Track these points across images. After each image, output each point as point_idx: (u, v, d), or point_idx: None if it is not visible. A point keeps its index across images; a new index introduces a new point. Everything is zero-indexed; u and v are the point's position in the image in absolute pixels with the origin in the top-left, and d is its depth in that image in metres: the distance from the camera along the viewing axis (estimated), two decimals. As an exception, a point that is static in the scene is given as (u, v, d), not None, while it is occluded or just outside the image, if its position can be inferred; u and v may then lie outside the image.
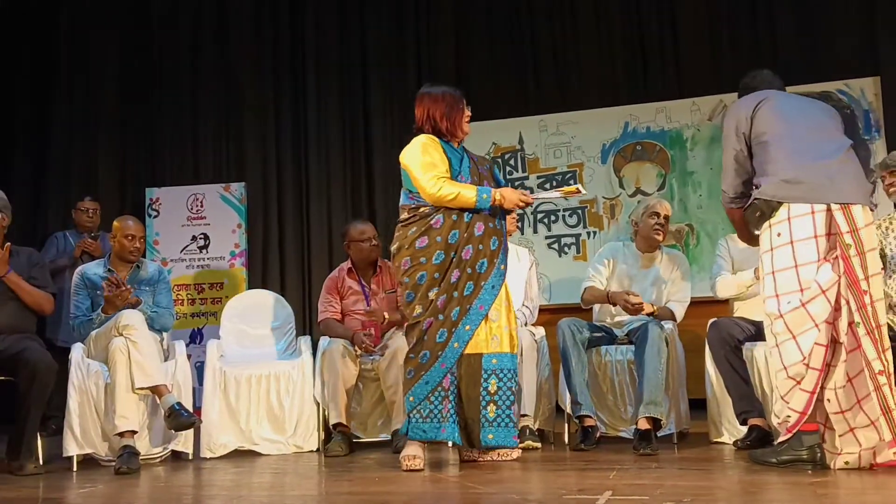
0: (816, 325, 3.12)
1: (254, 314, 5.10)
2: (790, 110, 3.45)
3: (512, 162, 6.66)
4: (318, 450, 4.47)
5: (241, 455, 4.40)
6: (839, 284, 3.11)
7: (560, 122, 6.64)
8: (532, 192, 3.86)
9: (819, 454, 3.17)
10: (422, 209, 3.69)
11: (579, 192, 3.88)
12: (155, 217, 6.81)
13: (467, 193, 3.64)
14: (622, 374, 4.34)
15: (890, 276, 4.20)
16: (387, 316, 4.57)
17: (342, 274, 4.87)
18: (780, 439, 3.24)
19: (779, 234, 3.23)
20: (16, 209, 4.46)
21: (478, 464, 3.61)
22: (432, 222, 3.66)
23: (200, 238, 6.80)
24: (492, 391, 3.62)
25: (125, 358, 4.00)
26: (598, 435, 4.10)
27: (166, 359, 4.41)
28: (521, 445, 3.82)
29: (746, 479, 3.07)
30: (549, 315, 5.33)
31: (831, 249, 3.17)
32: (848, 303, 3.10)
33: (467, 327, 3.61)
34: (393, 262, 3.79)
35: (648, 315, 4.27)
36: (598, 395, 4.33)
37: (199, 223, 6.82)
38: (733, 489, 2.90)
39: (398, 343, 4.45)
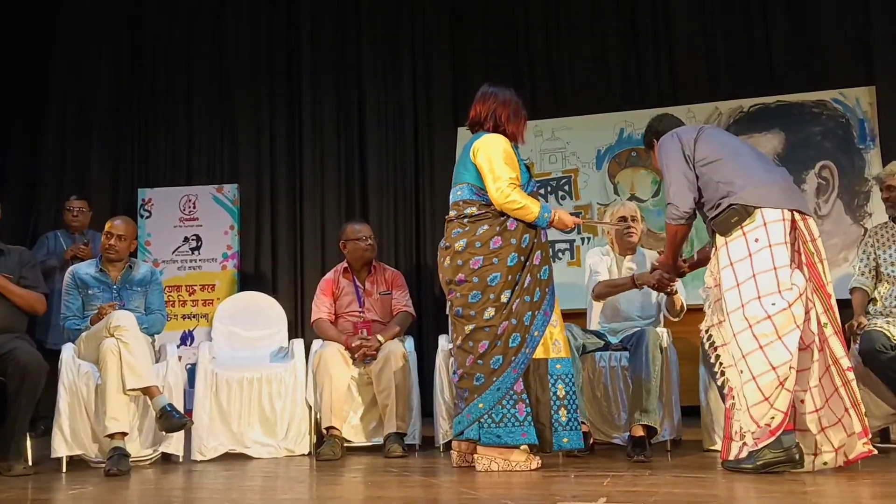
0: (798, 326, 3.24)
1: (246, 316, 5.07)
2: (729, 139, 3.67)
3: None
4: (309, 453, 4.45)
5: (232, 458, 4.37)
6: (807, 289, 3.28)
7: (555, 127, 6.65)
8: (580, 216, 4.03)
9: (798, 455, 3.24)
10: (492, 208, 3.65)
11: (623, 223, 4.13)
12: (147, 218, 6.78)
13: (532, 207, 3.63)
14: (616, 380, 4.33)
15: (881, 284, 4.22)
16: (381, 339, 4.54)
17: (337, 275, 4.85)
18: (763, 443, 3.24)
19: (756, 240, 3.32)
20: (8, 208, 4.44)
21: (472, 469, 3.58)
22: (508, 224, 3.64)
23: (192, 239, 6.77)
24: (560, 395, 3.61)
25: (116, 359, 3.96)
26: (591, 441, 4.09)
27: (157, 360, 4.39)
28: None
29: (740, 486, 3.05)
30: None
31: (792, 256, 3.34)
32: (814, 306, 3.29)
33: (536, 333, 3.61)
34: (451, 259, 3.67)
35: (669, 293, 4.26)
36: (591, 402, 4.32)
37: (191, 224, 6.79)
38: (727, 497, 2.89)
39: (390, 347, 4.44)
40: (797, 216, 3.36)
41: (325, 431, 4.37)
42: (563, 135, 6.61)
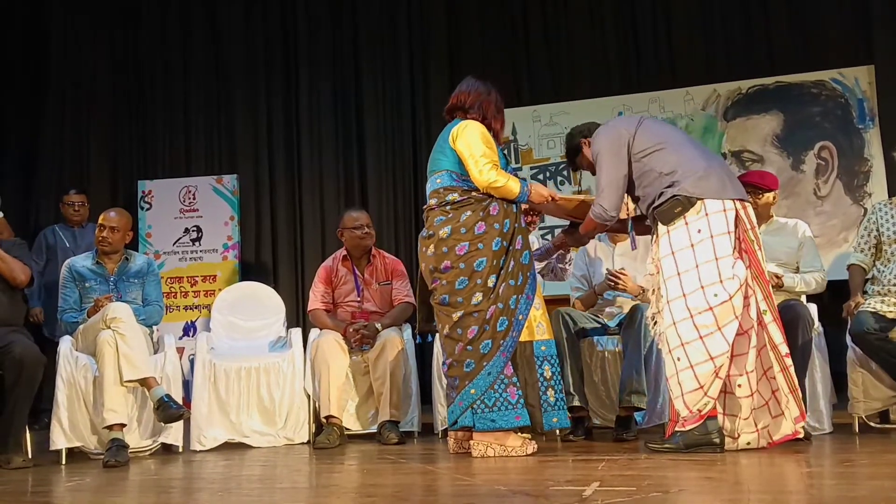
0: (737, 317, 3.31)
1: (244, 306, 5.07)
2: (667, 128, 3.71)
3: (505, 153, 6.62)
4: (308, 442, 4.46)
5: (232, 448, 4.38)
6: (747, 277, 3.35)
7: (553, 112, 6.63)
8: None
9: (718, 439, 3.36)
10: (474, 193, 3.66)
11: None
12: (147, 210, 6.78)
13: (513, 185, 3.64)
14: (616, 364, 4.31)
15: (881, 261, 4.16)
16: (379, 327, 4.54)
17: (336, 263, 4.84)
18: (689, 427, 3.35)
19: (699, 231, 3.37)
20: (7, 202, 4.43)
21: (468, 455, 3.58)
22: (490, 209, 3.64)
23: (193, 230, 6.78)
24: (547, 376, 3.69)
25: (113, 350, 3.97)
26: (588, 425, 4.09)
27: (156, 351, 4.40)
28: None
29: (735, 469, 3.05)
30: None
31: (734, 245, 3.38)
32: (754, 294, 3.37)
33: (521, 317, 3.64)
34: (434, 247, 3.65)
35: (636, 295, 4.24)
36: (589, 386, 4.31)
37: (191, 216, 6.80)
38: (721, 480, 2.89)
39: (388, 335, 4.44)
40: (738, 205, 3.41)
41: (323, 420, 4.38)
42: (562, 119, 6.59)
